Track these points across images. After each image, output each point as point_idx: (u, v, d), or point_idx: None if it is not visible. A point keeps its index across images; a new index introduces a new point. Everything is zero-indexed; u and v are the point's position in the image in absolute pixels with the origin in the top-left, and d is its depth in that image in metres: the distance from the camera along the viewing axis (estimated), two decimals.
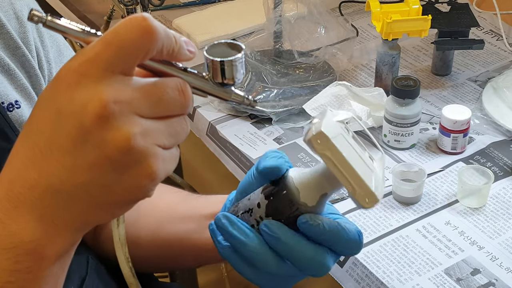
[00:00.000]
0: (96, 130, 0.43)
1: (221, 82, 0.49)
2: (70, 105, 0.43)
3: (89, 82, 0.43)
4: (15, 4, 0.73)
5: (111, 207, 0.46)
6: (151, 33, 0.43)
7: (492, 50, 1.41)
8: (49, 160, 0.44)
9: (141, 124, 0.44)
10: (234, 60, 0.48)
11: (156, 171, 0.44)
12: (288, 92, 1.26)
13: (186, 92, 0.46)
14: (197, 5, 1.61)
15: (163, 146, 0.45)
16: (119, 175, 0.44)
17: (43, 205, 0.45)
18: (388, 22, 1.18)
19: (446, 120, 1.11)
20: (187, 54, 0.47)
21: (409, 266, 0.94)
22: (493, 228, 1.00)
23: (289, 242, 0.58)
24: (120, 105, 0.43)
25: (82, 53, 0.44)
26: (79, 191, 0.44)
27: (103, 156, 0.43)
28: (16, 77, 0.71)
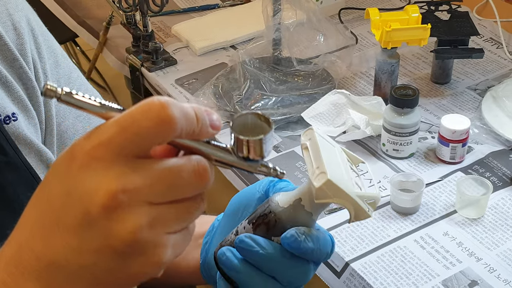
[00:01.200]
0: (101, 220, 0.42)
1: (247, 157, 0.46)
2: (79, 189, 0.43)
3: (100, 167, 0.42)
4: (13, 16, 0.73)
5: (114, 287, 0.46)
6: (169, 124, 0.42)
7: (492, 58, 1.40)
8: (55, 236, 0.44)
9: (149, 213, 0.42)
10: (262, 140, 0.45)
11: (163, 259, 0.44)
12: (286, 100, 1.26)
13: (204, 174, 0.44)
14: (196, 11, 1.61)
15: (173, 232, 0.44)
16: (123, 263, 0.43)
17: (48, 278, 0.45)
18: (387, 30, 1.18)
19: (445, 130, 1.10)
20: (209, 132, 0.45)
21: (407, 277, 0.94)
22: (491, 239, 0.99)
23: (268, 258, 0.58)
24: (128, 195, 0.42)
25: (96, 134, 0.43)
26: (83, 272, 0.44)
27: (107, 245, 0.43)
28: (13, 89, 0.71)
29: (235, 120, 0.47)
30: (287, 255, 0.57)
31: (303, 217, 0.57)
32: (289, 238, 0.56)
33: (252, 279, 0.57)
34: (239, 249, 0.56)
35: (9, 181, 0.69)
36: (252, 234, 0.57)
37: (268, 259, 0.56)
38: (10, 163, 0.67)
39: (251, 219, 0.58)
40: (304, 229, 0.56)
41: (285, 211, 0.57)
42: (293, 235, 0.56)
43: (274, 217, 0.57)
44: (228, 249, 0.58)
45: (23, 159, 0.69)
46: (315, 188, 0.53)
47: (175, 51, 1.46)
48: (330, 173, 0.53)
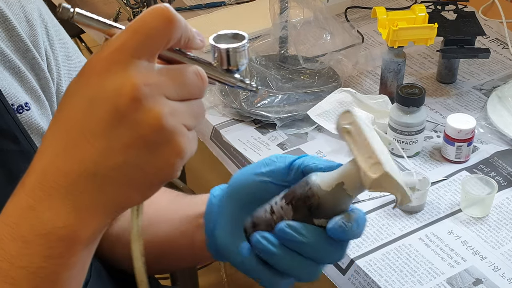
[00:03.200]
0: (130, 112, 0.45)
1: (227, 68, 0.52)
2: (103, 91, 0.45)
3: (119, 69, 0.45)
4: (26, 7, 0.74)
5: (143, 187, 0.48)
6: (174, 22, 0.46)
7: (497, 59, 1.41)
8: (82, 145, 0.46)
9: (169, 104, 0.46)
10: (238, 48, 0.52)
11: (185, 149, 0.47)
12: (292, 98, 1.26)
13: (203, 75, 0.49)
14: (203, 8, 1.61)
15: (187, 126, 0.48)
16: (152, 154, 0.46)
17: (78, 191, 0.47)
18: (394, 29, 1.18)
19: (450, 129, 1.11)
20: (199, 43, 0.50)
21: (411, 275, 0.94)
22: (496, 238, 0.99)
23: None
24: (149, 88, 0.46)
25: (110, 42, 0.46)
26: (114, 173, 0.46)
27: (137, 136, 0.46)
28: (26, 79, 0.71)
29: (215, 37, 0.53)
30: (328, 241, 0.58)
31: (344, 200, 0.58)
32: (337, 229, 0.57)
33: (291, 262, 0.58)
34: (280, 237, 0.58)
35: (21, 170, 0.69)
36: (292, 222, 0.58)
37: (310, 246, 0.58)
38: (23, 152, 0.68)
39: (289, 199, 0.59)
40: (349, 216, 0.57)
41: (328, 194, 0.57)
42: (341, 226, 0.57)
43: (317, 201, 0.57)
44: (264, 237, 0.59)
45: (35, 148, 0.70)
46: (370, 179, 0.54)
47: None
48: (384, 165, 0.54)
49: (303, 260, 0.59)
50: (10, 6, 0.72)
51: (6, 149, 0.67)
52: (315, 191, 0.57)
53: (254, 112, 1.23)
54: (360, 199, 1.06)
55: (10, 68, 0.70)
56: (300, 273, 0.59)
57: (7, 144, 0.67)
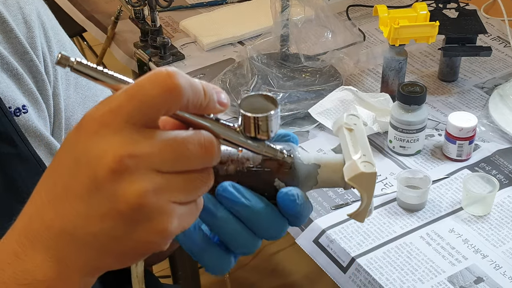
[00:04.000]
0: (108, 183, 0.43)
1: (254, 136, 0.48)
2: (87, 155, 0.43)
3: (108, 133, 0.43)
4: (24, 9, 0.73)
5: (121, 256, 0.46)
6: (175, 92, 0.43)
7: (499, 57, 1.40)
8: (64, 204, 0.45)
9: (155, 180, 0.43)
10: (268, 116, 0.47)
11: (168, 228, 0.44)
12: (294, 96, 1.26)
13: (210, 148, 0.45)
14: (204, 6, 1.61)
15: (179, 202, 0.45)
16: (130, 229, 0.44)
17: (58, 247, 0.45)
18: (395, 27, 1.18)
19: (452, 127, 1.10)
20: (216, 107, 0.46)
21: (412, 273, 0.94)
22: (497, 237, 0.99)
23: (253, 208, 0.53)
24: (135, 160, 0.42)
25: (105, 102, 0.44)
26: (90, 238, 0.45)
27: (114, 209, 0.43)
28: (24, 82, 0.71)
29: (243, 100, 0.48)
30: (272, 211, 0.53)
31: (309, 182, 0.56)
32: (290, 196, 0.52)
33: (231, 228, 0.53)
34: (221, 197, 0.52)
35: (18, 173, 0.69)
36: (237, 184, 0.53)
37: (252, 212, 0.52)
38: (19, 155, 0.68)
39: None
40: (304, 195, 0.54)
41: (303, 167, 0.54)
42: (294, 196, 0.52)
43: (291, 165, 0.54)
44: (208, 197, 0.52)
45: (32, 152, 0.70)
46: (356, 171, 0.53)
47: (183, 46, 1.46)
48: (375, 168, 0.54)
49: (241, 226, 0.53)
50: (8, 8, 0.71)
51: (3, 152, 0.67)
52: (293, 154, 0.54)
53: None
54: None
55: (8, 71, 0.70)
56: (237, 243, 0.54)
57: (4, 147, 0.67)
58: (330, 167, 0.56)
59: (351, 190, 1.07)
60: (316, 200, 1.06)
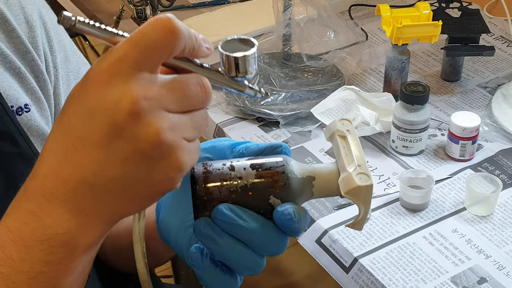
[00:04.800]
0: (128, 126, 0.45)
1: (235, 75, 0.51)
2: (102, 103, 0.45)
3: (119, 80, 0.45)
4: (26, 8, 0.73)
5: (141, 199, 0.48)
6: (176, 33, 0.46)
7: (502, 57, 1.40)
8: (82, 155, 0.46)
9: (169, 119, 0.46)
10: (247, 56, 0.51)
11: (184, 162, 0.47)
12: (296, 96, 1.26)
13: (207, 86, 0.49)
14: (206, 6, 1.61)
15: (188, 139, 0.47)
16: (150, 168, 0.46)
17: (77, 199, 0.47)
18: (398, 27, 1.18)
19: (455, 127, 1.10)
20: (205, 51, 0.49)
21: (415, 273, 0.94)
22: (500, 237, 0.99)
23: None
24: (149, 102, 0.45)
25: (111, 53, 0.46)
26: (111, 184, 0.46)
27: (135, 150, 0.45)
28: (26, 81, 0.71)
29: (223, 43, 0.52)
30: (270, 228, 0.54)
31: (305, 195, 0.56)
32: (286, 215, 0.53)
33: (232, 251, 0.54)
34: (218, 221, 0.53)
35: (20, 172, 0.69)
36: (232, 205, 0.53)
37: (251, 232, 0.54)
38: (22, 154, 0.68)
39: (256, 166, 0.55)
40: (299, 209, 0.54)
41: (297, 181, 0.55)
42: (290, 214, 0.54)
43: (285, 180, 0.54)
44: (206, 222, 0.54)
45: (34, 151, 0.70)
46: (353, 185, 0.53)
47: None
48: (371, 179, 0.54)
49: (243, 249, 0.54)
50: (10, 7, 0.71)
51: (5, 151, 0.67)
52: (287, 169, 0.55)
53: (257, 110, 1.23)
54: None
55: (11, 69, 0.70)
56: (240, 264, 0.55)
57: (6, 146, 0.67)
58: (324, 178, 0.56)
59: None
60: (318, 200, 1.05)
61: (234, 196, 0.54)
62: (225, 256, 0.55)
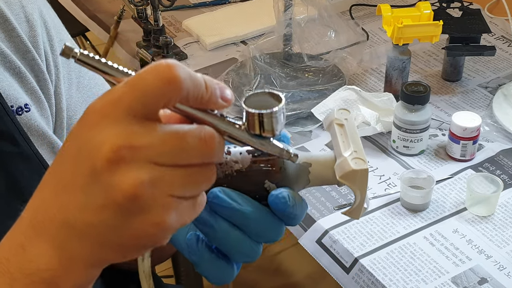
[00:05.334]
0: (105, 174, 0.43)
1: (259, 134, 0.47)
2: (88, 145, 0.44)
3: (108, 124, 0.43)
4: (26, 8, 0.73)
5: (121, 249, 0.46)
6: (174, 82, 0.43)
7: (503, 56, 1.40)
8: (66, 195, 0.45)
9: (153, 171, 0.43)
10: (273, 113, 0.46)
11: (165, 221, 0.44)
12: (297, 96, 1.26)
13: (210, 142, 0.45)
14: (207, 6, 1.61)
15: (178, 196, 0.44)
16: (126, 220, 0.44)
17: (60, 238, 0.46)
18: (399, 27, 1.18)
19: (455, 127, 1.10)
20: (219, 102, 0.45)
21: (416, 274, 0.94)
22: (501, 237, 0.99)
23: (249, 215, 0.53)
24: (133, 151, 0.43)
25: (107, 94, 0.44)
26: (89, 229, 0.45)
27: (110, 200, 0.43)
28: (26, 80, 0.71)
29: (248, 97, 0.47)
30: (265, 213, 0.53)
31: (301, 182, 0.55)
32: (280, 199, 0.52)
33: (227, 235, 0.53)
34: (212, 204, 0.52)
35: (20, 172, 0.69)
36: (227, 189, 0.52)
37: (245, 216, 0.52)
38: (22, 154, 0.68)
39: (252, 151, 0.53)
40: (295, 194, 0.54)
41: (293, 166, 0.54)
42: (285, 198, 0.52)
43: (281, 165, 0.53)
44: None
45: (35, 150, 0.70)
46: (348, 169, 0.52)
47: (185, 46, 1.46)
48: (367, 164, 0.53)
49: (239, 234, 0.53)
50: (11, 6, 0.71)
51: (5, 151, 0.67)
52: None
53: None
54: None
55: (11, 69, 0.70)
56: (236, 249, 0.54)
57: (6, 146, 0.67)
58: (321, 165, 0.55)
59: None
60: (319, 200, 1.05)
61: (230, 180, 0.53)
62: (220, 241, 0.53)
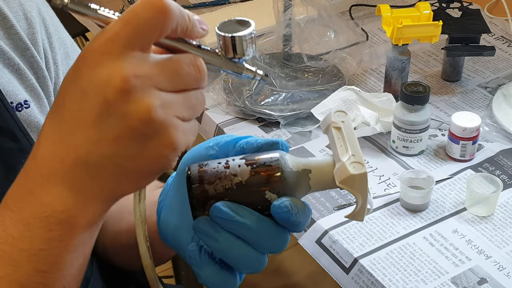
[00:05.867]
0: (119, 104, 0.45)
1: (233, 57, 0.51)
2: (93, 82, 0.45)
3: (110, 59, 0.45)
4: (25, 5, 0.73)
5: (136, 177, 0.48)
6: (166, 12, 0.46)
7: (503, 57, 1.40)
8: (76, 134, 0.47)
9: (160, 96, 0.46)
10: (244, 36, 0.51)
11: (177, 141, 0.47)
12: (296, 96, 1.26)
13: (201, 66, 0.48)
14: (207, 6, 1.61)
15: (182, 118, 0.47)
16: (142, 146, 0.46)
17: (73, 177, 0.47)
18: (398, 27, 1.18)
19: (455, 127, 1.10)
20: (200, 31, 0.49)
21: (416, 274, 0.94)
22: (501, 237, 0.99)
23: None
24: (140, 79, 0.45)
25: (102, 33, 0.46)
26: (105, 162, 0.47)
27: (126, 128, 0.45)
28: (26, 77, 0.71)
29: (220, 24, 0.51)
30: (268, 224, 0.54)
31: (302, 189, 0.55)
32: (283, 208, 0.53)
33: (231, 248, 0.54)
34: (216, 218, 0.53)
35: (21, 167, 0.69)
36: (229, 202, 0.53)
37: (248, 228, 0.54)
38: (22, 150, 0.68)
39: (250, 162, 0.55)
40: (297, 201, 0.54)
41: (292, 174, 0.55)
42: (287, 207, 0.53)
43: (280, 174, 0.54)
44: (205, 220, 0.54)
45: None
46: (346, 174, 0.53)
47: None
48: (365, 167, 0.54)
49: (243, 246, 0.54)
50: (9, 4, 0.72)
51: (5, 147, 0.67)
52: (281, 164, 0.55)
53: (257, 110, 1.23)
54: None
55: (10, 66, 0.70)
56: (240, 261, 0.55)
57: (6, 142, 0.67)
58: (320, 170, 0.55)
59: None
60: (318, 200, 1.05)
61: (231, 193, 0.54)
62: (224, 253, 0.55)
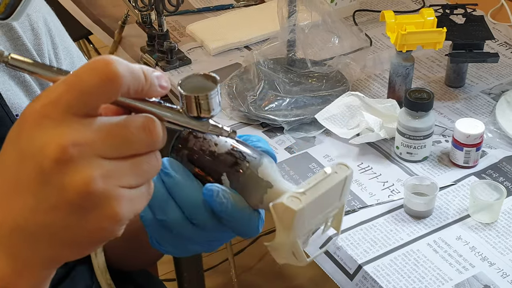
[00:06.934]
0: (54, 174, 0.43)
1: (197, 116, 0.48)
2: (31, 147, 0.43)
3: (49, 124, 0.43)
4: (31, 16, 0.74)
5: (76, 246, 0.46)
6: (114, 79, 0.43)
7: (506, 63, 1.40)
8: (14, 199, 0.44)
9: (102, 166, 0.43)
10: (209, 95, 0.48)
11: (120, 213, 0.44)
12: (300, 101, 1.26)
13: (154, 130, 0.45)
14: (211, 11, 1.61)
15: (128, 186, 0.45)
16: (81, 218, 0.44)
17: (11, 243, 0.45)
18: (402, 33, 1.18)
19: (459, 134, 1.10)
20: (158, 90, 0.46)
21: (419, 281, 0.94)
22: (504, 244, 0.99)
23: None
24: (79, 148, 0.43)
25: (45, 94, 0.44)
26: (42, 230, 0.45)
27: (62, 200, 0.43)
28: (31, 89, 0.71)
29: (183, 81, 0.48)
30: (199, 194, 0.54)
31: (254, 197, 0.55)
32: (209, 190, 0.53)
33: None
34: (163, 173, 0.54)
35: None
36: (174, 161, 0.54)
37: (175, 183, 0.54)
38: None
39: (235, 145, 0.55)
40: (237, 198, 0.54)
41: (254, 177, 0.54)
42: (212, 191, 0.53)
43: (245, 170, 0.54)
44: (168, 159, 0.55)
45: None
46: (280, 200, 0.51)
47: (189, 51, 1.46)
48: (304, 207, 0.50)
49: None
50: None
51: None
52: (253, 163, 0.54)
53: (261, 116, 1.23)
54: (368, 204, 1.06)
55: (16, 78, 0.70)
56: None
57: None
58: (278, 193, 0.54)
59: (358, 196, 1.07)
60: None
61: (201, 154, 0.54)
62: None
